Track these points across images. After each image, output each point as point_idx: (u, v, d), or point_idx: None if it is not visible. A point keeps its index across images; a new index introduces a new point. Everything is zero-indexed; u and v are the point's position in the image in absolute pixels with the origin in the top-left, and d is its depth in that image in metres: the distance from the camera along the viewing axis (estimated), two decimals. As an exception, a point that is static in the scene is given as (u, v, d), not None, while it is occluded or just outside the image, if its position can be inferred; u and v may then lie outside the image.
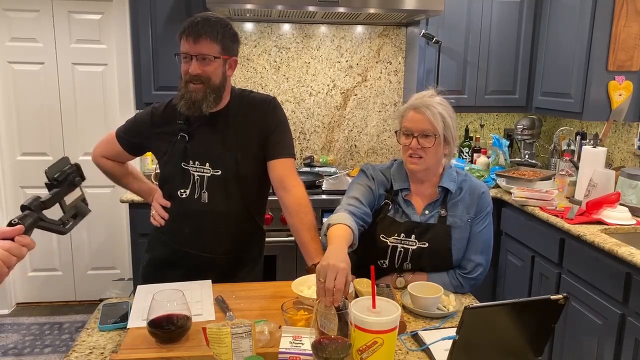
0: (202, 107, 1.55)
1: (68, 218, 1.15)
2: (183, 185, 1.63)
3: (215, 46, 1.52)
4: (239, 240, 1.70)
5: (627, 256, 1.85)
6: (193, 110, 1.55)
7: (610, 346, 1.95)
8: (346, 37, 3.28)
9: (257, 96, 1.70)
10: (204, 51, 1.51)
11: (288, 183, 1.60)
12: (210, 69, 1.53)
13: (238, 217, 1.66)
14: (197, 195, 1.62)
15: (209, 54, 1.52)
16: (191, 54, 1.52)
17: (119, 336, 1.25)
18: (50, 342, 3.06)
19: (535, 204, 2.51)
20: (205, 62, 1.52)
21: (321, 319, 1.04)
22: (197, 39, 1.50)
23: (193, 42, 1.50)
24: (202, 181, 1.62)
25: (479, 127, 3.47)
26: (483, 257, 1.61)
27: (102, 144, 1.81)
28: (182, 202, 1.64)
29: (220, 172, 1.61)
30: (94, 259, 3.58)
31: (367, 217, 1.59)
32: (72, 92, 3.35)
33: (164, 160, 1.68)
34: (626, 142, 2.79)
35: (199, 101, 1.54)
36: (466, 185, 1.63)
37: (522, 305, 1.03)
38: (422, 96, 1.56)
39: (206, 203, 1.62)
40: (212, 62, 1.53)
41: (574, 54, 2.71)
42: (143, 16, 2.80)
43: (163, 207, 1.69)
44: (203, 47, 1.51)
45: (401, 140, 1.57)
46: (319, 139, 3.39)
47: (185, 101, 1.55)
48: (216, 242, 1.66)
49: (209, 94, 1.55)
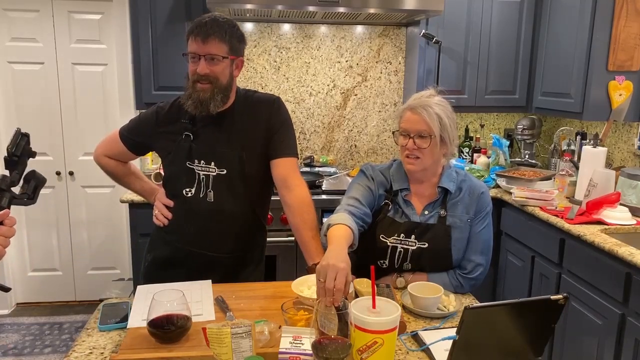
0: (210, 106, 1.56)
1: (31, 190, 1.20)
2: (188, 185, 1.64)
3: (223, 46, 1.53)
4: (243, 240, 1.71)
5: (627, 256, 1.85)
6: (200, 110, 1.56)
7: (610, 346, 1.95)
8: (346, 37, 3.28)
9: (262, 96, 1.71)
10: (212, 51, 1.52)
11: (291, 182, 1.60)
12: (218, 69, 1.54)
13: (243, 216, 1.67)
14: (203, 194, 1.63)
15: (217, 54, 1.53)
16: (199, 54, 1.52)
17: (119, 336, 1.25)
18: (50, 342, 3.06)
19: (536, 204, 2.51)
20: (213, 62, 1.53)
21: (321, 319, 1.04)
22: (206, 39, 1.51)
23: (202, 42, 1.51)
24: (208, 180, 1.62)
25: (479, 127, 3.47)
26: (483, 257, 1.61)
27: (105, 143, 1.81)
28: (188, 202, 1.64)
29: (226, 172, 1.61)
30: (94, 259, 3.58)
31: (367, 218, 1.59)
32: (72, 92, 3.35)
33: (168, 159, 1.68)
34: (626, 142, 2.79)
35: (206, 100, 1.55)
36: (466, 186, 1.63)
37: (522, 305, 1.03)
38: (421, 96, 1.56)
39: (212, 202, 1.62)
40: (220, 62, 1.54)
41: (574, 54, 2.71)
42: (143, 16, 2.80)
43: (166, 206, 1.70)
44: (211, 47, 1.52)
45: (399, 140, 1.58)
46: (319, 139, 3.39)
47: (192, 100, 1.56)
48: (221, 241, 1.66)
49: (217, 93, 1.56)
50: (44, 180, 1.23)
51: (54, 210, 3.47)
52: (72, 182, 3.46)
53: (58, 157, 3.41)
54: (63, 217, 3.49)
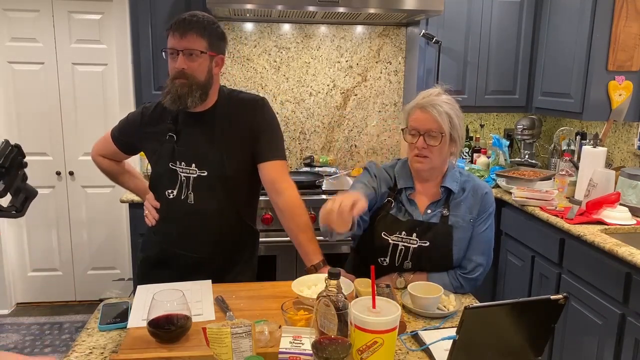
0: (187, 102, 1.53)
1: (20, 202, 1.18)
2: (171, 186, 1.62)
3: (201, 41, 1.52)
4: (227, 241, 1.68)
5: (627, 256, 1.85)
6: (178, 105, 1.53)
7: (610, 346, 1.95)
8: (346, 37, 3.28)
9: (246, 96, 1.68)
10: (191, 46, 1.50)
11: (280, 185, 1.59)
12: (195, 65, 1.52)
13: (225, 218, 1.64)
14: (184, 196, 1.61)
15: (195, 49, 1.51)
16: (177, 49, 1.51)
17: (119, 336, 1.25)
18: (50, 342, 3.06)
19: (535, 204, 2.51)
20: (191, 58, 1.51)
21: (321, 319, 1.04)
22: (184, 33, 1.49)
23: (180, 37, 1.50)
24: (189, 182, 1.60)
25: (479, 127, 3.47)
26: (484, 258, 1.61)
27: (100, 142, 1.82)
28: (170, 203, 1.63)
29: (207, 173, 1.59)
30: (94, 259, 3.58)
31: (366, 216, 1.59)
32: (72, 92, 3.35)
33: (153, 160, 1.68)
34: (626, 142, 2.79)
35: (184, 95, 1.52)
36: (469, 186, 1.63)
37: (522, 305, 1.03)
38: (429, 94, 1.56)
39: (192, 204, 1.60)
40: (198, 57, 1.52)
41: (574, 54, 2.71)
42: (143, 16, 2.80)
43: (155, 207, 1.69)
44: (189, 41, 1.50)
45: (407, 138, 1.57)
46: (319, 139, 3.39)
47: (171, 95, 1.53)
48: (203, 242, 1.64)
49: (195, 90, 1.53)
50: (34, 193, 1.21)
51: (54, 210, 3.47)
52: (72, 182, 3.46)
53: (58, 157, 3.41)
54: (63, 217, 3.49)
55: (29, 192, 1.20)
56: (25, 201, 1.19)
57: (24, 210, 1.18)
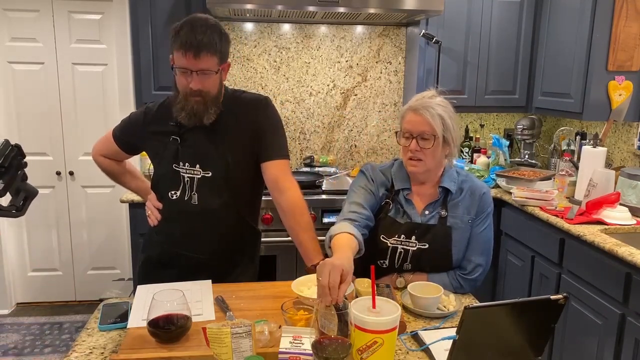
0: (204, 118, 1.54)
1: (20, 202, 1.18)
2: (174, 187, 1.62)
3: (214, 59, 1.50)
4: (230, 241, 1.68)
5: (627, 256, 1.85)
6: (194, 122, 1.55)
7: (610, 346, 1.95)
8: (346, 37, 3.28)
9: (249, 96, 1.68)
10: (205, 67, 1.49)
11: (282, 185, 1.59)
12: (209, 83, 1.52)
13: (228, 218, 1.64)
14: (188, 197, 1.61)
15: (209, 69, 1.50)
16: (191, 70, 1.49)
17: (119, 336, 1.25)
18: (50, 342, 3.06)
19: (535, 204, 2.51)
20: (205, 77, 1.51)
21: (321, 319, 1.04)
22: (198, 54, 1.47)
23: (193, 57, 1.47)
24: (192, 183, 1.60)
25: (479, 127, 3.47)
26: (483, 258, 1.61)
27: (101, 142, 1.81)
28: (173, 204, 1.63)
29: (211, 174, 1.59)
30: (94, 259, 3.58)
31: (371, 222, 1.58)
32: (72, 92, 3.35)
33: (156, 161, 1.68)
34: (626, 142, 2.79)
35: (199, 113, 1.53)
36: (467, 186, 1.62)
37: (522, 305, 1.03)
38: (422, 97, 1.56)
39: (196, 205, 1.60)
40: (212, 75, 1.52)
41: (574, 54, 2.71)
42: (143, 16, 2.80)
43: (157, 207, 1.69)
44: (203, 62, 1.48)
45: (401, 141, 1.57)
46: (319, 139, 3.39)
47: (186, 113, 1.54)
48: (206, 243, 1.64)
49: (210, 106, 1.54)
50: (34, 193, 1.21)
51: (54, 210, 3.47)
52: (72, 182, 3.46)
53: (58, 157, 3.41)
54: (63, 217, 3.49)
55: (29, 191, 1.20)
56: (26, 201, 1.19)
57: (24, 210, 1.19)
